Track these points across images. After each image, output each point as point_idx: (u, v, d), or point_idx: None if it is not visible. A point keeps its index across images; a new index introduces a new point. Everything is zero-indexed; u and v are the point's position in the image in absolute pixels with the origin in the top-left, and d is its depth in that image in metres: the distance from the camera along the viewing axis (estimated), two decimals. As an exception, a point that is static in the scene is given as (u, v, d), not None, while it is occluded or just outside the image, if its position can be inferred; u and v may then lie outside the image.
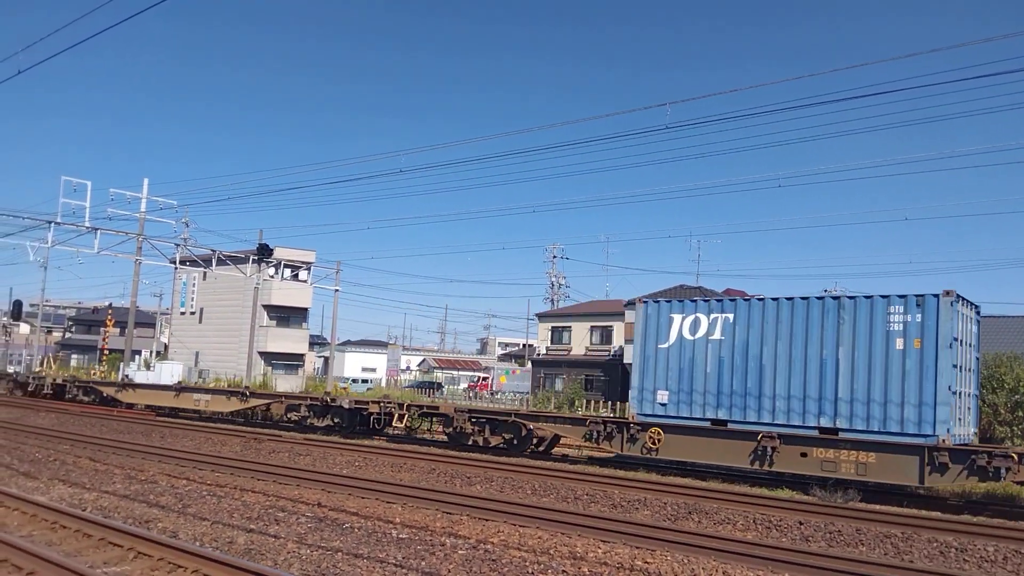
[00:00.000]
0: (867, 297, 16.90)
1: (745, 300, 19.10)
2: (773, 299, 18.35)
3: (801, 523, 12.76)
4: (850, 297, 17.30)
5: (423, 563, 9.16)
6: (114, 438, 21.79)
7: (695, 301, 19.47)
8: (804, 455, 16.73)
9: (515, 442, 22.34)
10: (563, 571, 9.04)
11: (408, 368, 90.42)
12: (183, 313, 56.92)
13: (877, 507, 14.86)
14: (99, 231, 31.38)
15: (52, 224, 30.15)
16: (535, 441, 22.56)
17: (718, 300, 19.35)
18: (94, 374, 41.69)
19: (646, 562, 9.60)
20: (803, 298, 17.87)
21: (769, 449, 16.84)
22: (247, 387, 31.83)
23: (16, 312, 44.97)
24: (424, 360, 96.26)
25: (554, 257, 70.20)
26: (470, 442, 22.65)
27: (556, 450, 23.20)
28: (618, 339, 50.15)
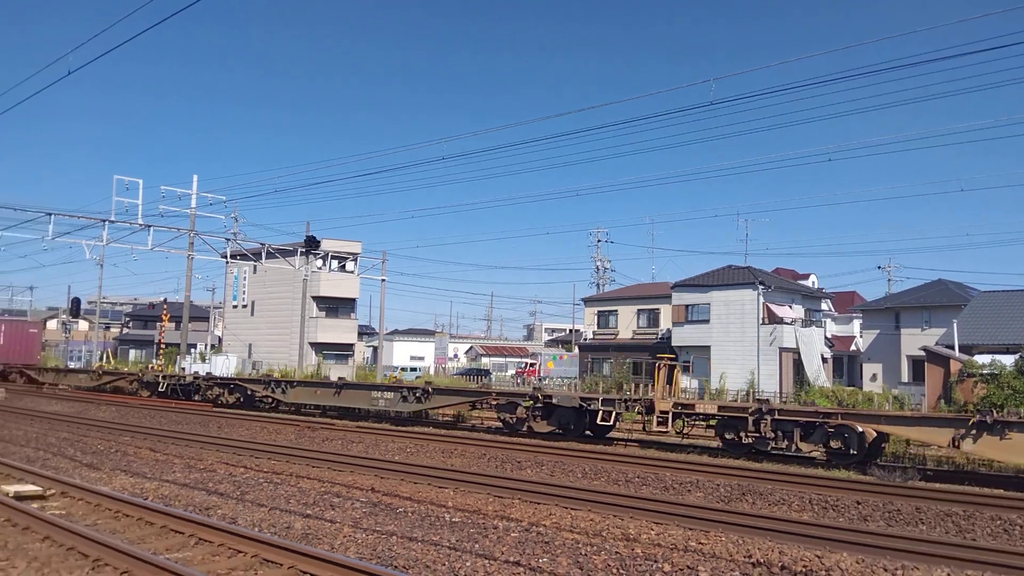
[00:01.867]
0: None
1: None
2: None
3: (859, 503, 12.55)
4: None
5: (476, 546, 9.23)
6: (172, 429, 22.35)
7: None
8: None
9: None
10: (616, 552, 9.03)
11: (456, 356, 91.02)
12: (235, 306, 58.00)
13: (937, 486, 14.55)
14: (152, 228, 32.12)
15: (106, 223, 30.95)
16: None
17: None
18: (157, 369, 42.03)
19: (700, 543, 9.54)
20: None
21: None
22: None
23: (75, 309, 46.38)
24: (471, 348, 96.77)
25: (599, 241, 69.88)
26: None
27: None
28: (665, 322, 49.76)
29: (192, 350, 50.83)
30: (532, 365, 76.40)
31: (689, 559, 8.79)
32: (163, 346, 48.14)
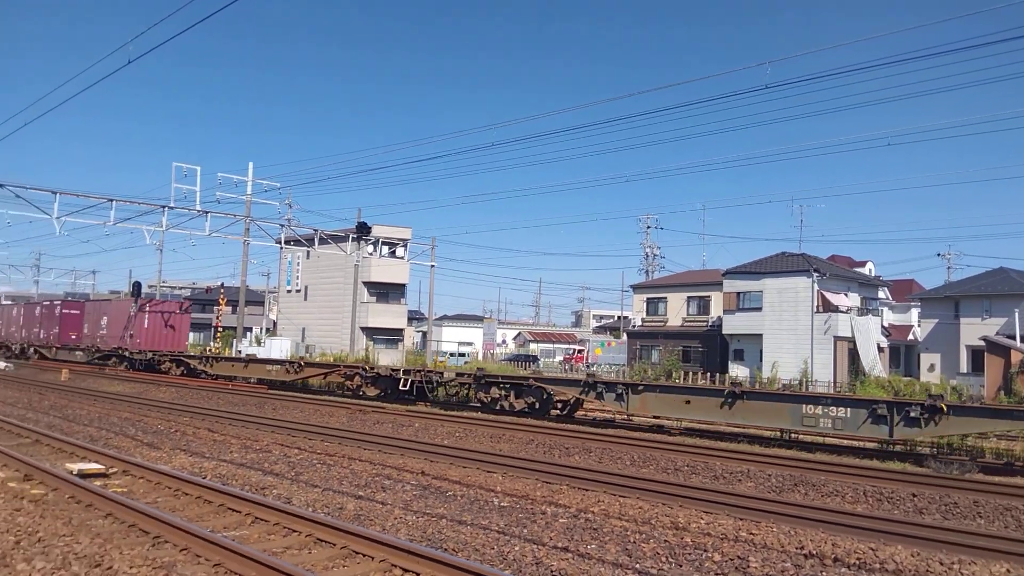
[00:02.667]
0: None
1: None
2: None
3: (914, 495, 12.29)
4: None
5: (525, 531, 9.29)
6: (229, 410, 22.89)
7: None
8: None
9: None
10: (665, 541, 9.01)
11: (504, 342, 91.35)
12: (289, 291, 59.05)
13: (996, 479, 14.17)
14: (209, 214, 32.84)
15: (166, 209, 31.74)
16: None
17: None
18: (213, 351, 43.16)
19: (751, 533, 9.46)
20: None
21: None
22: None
23: (136, 292, 47.62)
24: (519, 333, 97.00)
25: (648, 227, 69.34)
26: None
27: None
28: (716, 309, 49.22)
29: (248, 333, 51.93)
30: (580, 352, 76.34)
31: (739, 549, 8.72)
32: (220, 329, 49.28)
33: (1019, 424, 15.91)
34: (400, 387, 26.82)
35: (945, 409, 15.78)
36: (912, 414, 16.11)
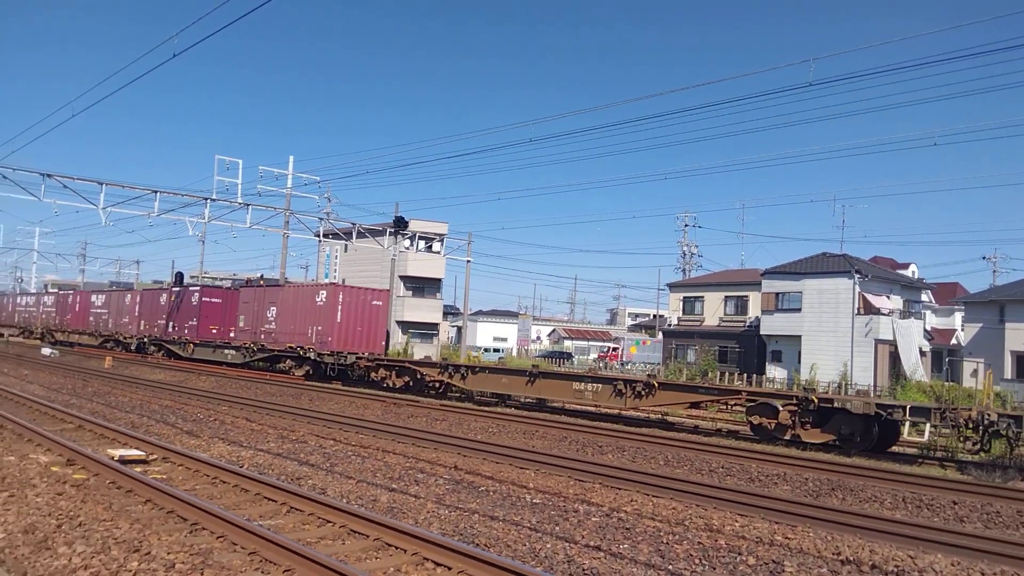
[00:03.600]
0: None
1: None
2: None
3: (955, 503, 12.04)
4: None
5: (557, 528, 9.27)
6: (267, 400, 23.19)
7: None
8: None
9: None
10: (699, 542, 8.92)
11: (538, 338, 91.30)
12: (327, 284, 59.58)
13: (1042, 490, 13.80)
14: (250, 207, 33.24)
15: (208, 201, 32.19)
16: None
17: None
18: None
19: (786, 537, 9.33)
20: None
21: None
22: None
23: (178, 283, 48.39)
24: (554, 330, 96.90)
25: (686, 226, 68.72)
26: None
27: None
28: (754, 309, 48.64)
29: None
30: (615, 349, 76.01)
31: (775, 553, 8.61)
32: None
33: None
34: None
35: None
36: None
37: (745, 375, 40.78)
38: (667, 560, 8.13)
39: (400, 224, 38.55)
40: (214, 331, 39.52)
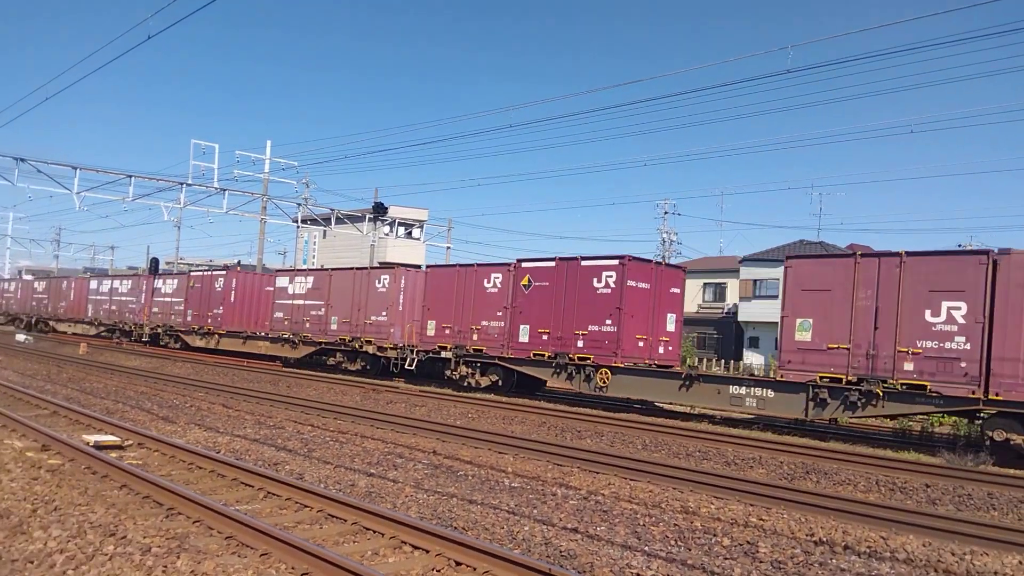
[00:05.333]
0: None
1: None
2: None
3: (928, 486, 12.23)
4: None
5: (535, 511, 9.32)
6: (244, 386, 23.07)
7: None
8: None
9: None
10: (675, 524, 9.01)
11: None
12: (305, 270, 59.25)
13: (1011, 471, 14.06)
14: (227, 192, 33.00)
15: (184, 186, 31.93)
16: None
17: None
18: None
19: (761, 519, 9.45)
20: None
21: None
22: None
23: (154, 269, 47.88)
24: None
25: (665, 213, 68.82)
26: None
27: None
28: (732, 296, 49.01)
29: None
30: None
31: (749, 534, 8.72)
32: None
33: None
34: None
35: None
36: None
37: (723, 361, 41.13)
38: (643, 542, 8.20)
39: (379, 210, 38.43)
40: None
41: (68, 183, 29.64)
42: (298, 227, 44.12)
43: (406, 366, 26.68)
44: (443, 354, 25.62)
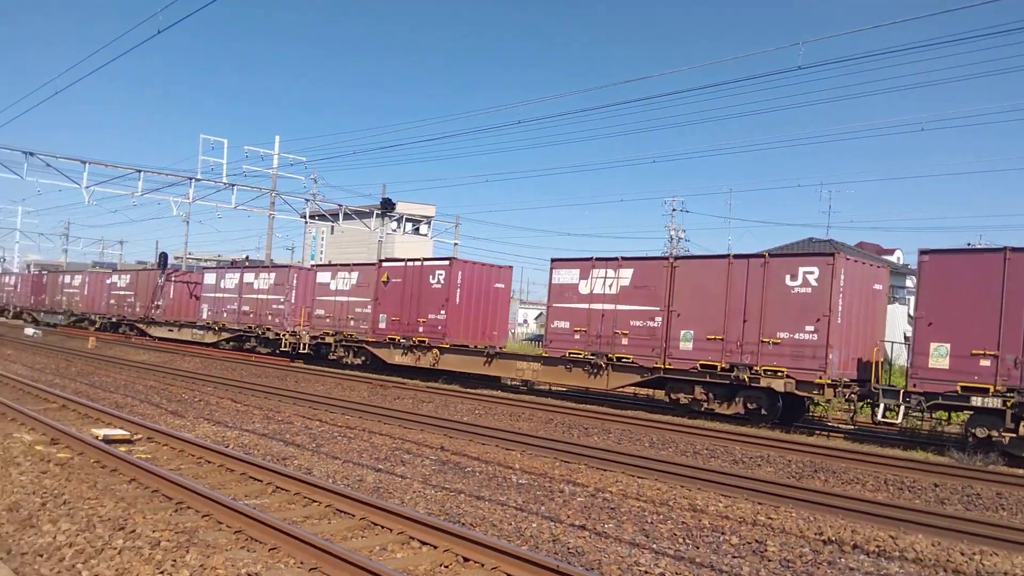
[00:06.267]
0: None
1: None
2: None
3: (936, 485, 12.18)
4: None
5: (543, 508, 9.32)
6: (253, 381, 23.13)
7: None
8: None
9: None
10: (683, 522, 9.00)
11: (525, 321, 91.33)
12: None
13: (1020, 471, 14.00)
14: (235, 187, 33.04)
15: (193, 180, 31.98)
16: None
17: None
18: None
19: (769, 518, 9.42)
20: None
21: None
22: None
23: (162, 264, 48.00)
24: (541, 314, 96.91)
25: (673, 210, 68.70)
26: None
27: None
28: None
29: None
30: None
31: (757, 533, 8.70)
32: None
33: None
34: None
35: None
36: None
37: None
38: (651, 539, 8.19)
39: (387, 206, 38.46)
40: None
41: (77, 177, 29.74)
42: (306, 223, 44.13)
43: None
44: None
